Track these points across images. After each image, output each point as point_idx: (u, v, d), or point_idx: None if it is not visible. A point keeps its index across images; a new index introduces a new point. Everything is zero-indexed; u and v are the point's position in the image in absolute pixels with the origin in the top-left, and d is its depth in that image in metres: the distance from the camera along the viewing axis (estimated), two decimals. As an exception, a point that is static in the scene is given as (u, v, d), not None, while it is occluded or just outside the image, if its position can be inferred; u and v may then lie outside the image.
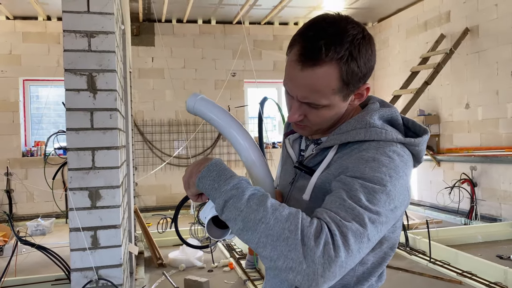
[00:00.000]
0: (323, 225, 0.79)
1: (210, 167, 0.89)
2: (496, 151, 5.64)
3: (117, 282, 2.01)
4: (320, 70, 0.88)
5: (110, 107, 1.99)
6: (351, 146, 0.95)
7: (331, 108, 0.95)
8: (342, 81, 0.90)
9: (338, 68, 0.88)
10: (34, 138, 7.07)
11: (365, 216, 0.81)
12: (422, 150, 0.98)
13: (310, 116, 0.96)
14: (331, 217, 0.80)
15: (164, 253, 4.57)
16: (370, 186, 0.84)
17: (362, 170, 0.87)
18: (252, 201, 0.81)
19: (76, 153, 1.95)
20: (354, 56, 0.89)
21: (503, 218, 5.55)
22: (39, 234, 5.94)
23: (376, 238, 0.84)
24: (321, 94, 0.91)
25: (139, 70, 7.42)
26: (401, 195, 0.89)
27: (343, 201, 0.83)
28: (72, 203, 1.94)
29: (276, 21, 7.96)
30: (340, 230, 0.78)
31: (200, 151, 7.68)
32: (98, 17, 1.97)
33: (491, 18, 5.74)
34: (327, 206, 0.84)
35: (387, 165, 0.88)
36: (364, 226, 0.80)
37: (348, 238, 0.78)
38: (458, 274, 3.85)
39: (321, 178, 0.96)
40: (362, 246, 0.80)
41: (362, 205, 0.82)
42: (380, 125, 0.95)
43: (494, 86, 5.72)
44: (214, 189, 0.86)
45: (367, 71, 0.93)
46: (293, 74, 0.92)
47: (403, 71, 7.35)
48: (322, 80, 0.89)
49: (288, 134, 1.16)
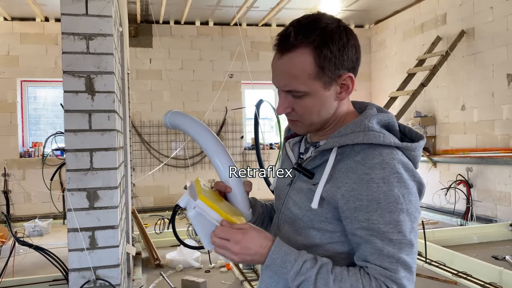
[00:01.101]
0: (382, 286, 0.90)
1: (273, 256, 0.95)
2: (491, 153, 5.68)
3: (115, 282, 2.02)
4: (294, 54, 0.94)
5: (108, 109, 2.01)
6: (351, 152, 0.97)
7: (313, 97, 0.98)
8: (317, 65, 0.94)
9: (311, 52, 0.94)
10: (32, 139, 7.08)
11: (404, 255, 0.91)
12: (418, 155, 1.02)
13: (296, 107, 1.00)
14: (383, 275, 0.90)
15: (161, 254, 4.59)
16: (392, 218, 0.91)
17: (377, 198, 0.91)
18: (319, 281, 0.92)
19: (75, 154, 1.97)
20: (325, 41, 0.94)
21: (498, 219, 5.58)
22: (37, 235, 5.94)
23: (415, 257, 0.94)
24: (299, 80, 0.96)
25: (137, 71, 7.44)
26: (415, 202, 0.95)
27: (381, 251, 0.91)
28: (70, 203, 1.96)
29: (273, 22, 7.99)
30: (396, 283, 0.90)
31: (198, 152, 7.69)
32: (97, 20, 1.99)
33: (487, 21, 5.78)
34: (371, 260, 0.92)
35: (397, 183, 0.92)
36: (408, 265, 0.91)
37: (403, 284, 0.90)
38: (454, 274, 3.87)
39: (328, 191, 0.97)
40: (413, 277, 0.93)
41: (396, 245, 0.91)
42: (378, 129, 0.98)
43: (490, 88, 5.77)
44: (283, 274, 0.94)
45: (344, 58, 0.96)
46: (274, 65, 1.00)
47: (400, 73, 7.39)
48: (298, 65, 0.95)
49: (289, 138, 1.18)
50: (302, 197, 1.03)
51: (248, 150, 7.94)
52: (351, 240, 0.96)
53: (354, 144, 0.96)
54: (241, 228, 0.95)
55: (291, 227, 1.06)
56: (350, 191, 0.93)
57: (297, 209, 1.04)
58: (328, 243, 1.00)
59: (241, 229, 0.95)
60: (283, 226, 1.09)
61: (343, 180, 0.95)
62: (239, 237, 0.93)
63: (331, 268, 0.92)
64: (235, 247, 0.93)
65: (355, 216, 0.93)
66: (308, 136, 1.14)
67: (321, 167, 1.01)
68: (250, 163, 7.91)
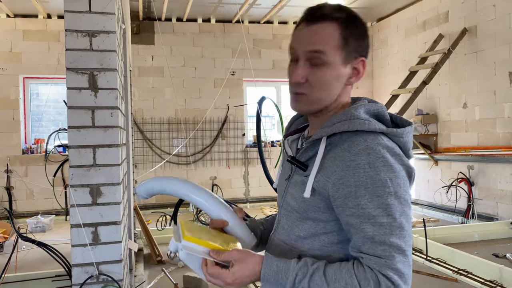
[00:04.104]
0: (378, 275, 0.90)
1: (265, 278, 0.97)
2: (493, 151, 5.68)
3: (117, 277, 2.04)
4: (323, 25, 1.01)
5: (111, 106, 2.02)
6: (339, 141, 0.99)
7: (332, 69, 1.01)
8: (343, 38, 1.01)
9: (339, 26, 1.01)
10: (34, 135, 7.10)
11: (395, 239, 0.91)
12: (407, 141, 1.02)
13: (312, 78, 1.02)
14: (378, 263, 0.91)
15: (163, 250, 4.61)
16: (381, 202, 0.92)
17: (364, 183, 0.92)
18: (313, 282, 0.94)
19: (78, 150, 1.99)
20: (351, 21, 1.03)
21: (499, 217, 5.59)
22: (39, 231, 5.97)
23: (409, 240, 0.94)
24: (325, 44, 1.00)
25: (139, 68, 7.45)
26: (404, 185, 0.95)
27: (372, 239, 0.92)
28: (73, 199, 1.98)
29: (275, 20, 7.99)
30: (391, 269, 0.90)
31: (200, 149, 7.71)
32: (100, 17, 2.00)
33: (489, 19, 5.77)
34: (364, 250, 0.93)
35: (383, 167, 0.93)
36: (401, 248, 0.91)
37: (398, 269, 0.90)
38: (454, 272, 3.89)
39: (319, 181, 0.99)
40: (408, 260, 0.92)
41: (387, 228, 0.91)
42: (364, 117, 0.99)
43: (492, 86, 5.76)
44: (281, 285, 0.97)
45: (363, 42, 1.05)
46: (300, 34, 1.04)
47: (402, 71, 7.39)
48: (327, 33, 1.01)
49: (287, 135, 1.20)
50: (297, 189, 1.05)
51: (249, 147, 7.95)
52: (345, 229, 0.98)
53: (342, 133, 0.99)
54: (228, 257, 0.98)
55: (289, 220, 1.08)
56: (339, 179, 0.95)
57: (293, 201, 1.06)
58: (323, 233, 1.01)
59: (226, 261, 0.98)
60: (282, 220, 1.12)
61: (331, 169, 0.97)
62: (229, 277, 0.96)
63: (323, 272, 0.93)
64: (228, 281, 0.97)
65: (345, 204, 0.94)
66: (305, 132, 1.16)
67: (313, 158, 1.03)
68: (252, 160, 7.92)
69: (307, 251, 1.03)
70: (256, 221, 1.28)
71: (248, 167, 7.91)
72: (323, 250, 1.01)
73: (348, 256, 1.00)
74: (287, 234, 1.08)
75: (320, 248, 1.02)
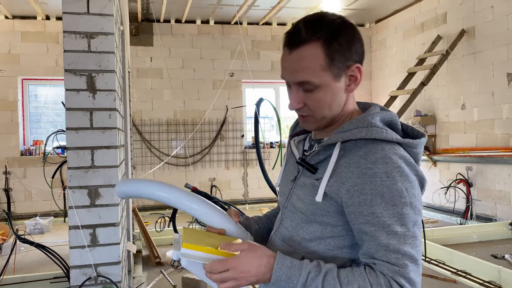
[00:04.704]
0: (391, 281, 0.90)
1: (277, 274, 0.94)
2: (491, 152, 5.69)
3: (116, 279, 2.04)
4: (305, 48, 0.98)
5: (109, 107, 2.02)
6: (353, 147, 0.99)
7: (325, 89, 1.00)
8: (327, 57, 0.97)
9: (321, 45, 0.97)
10: (33, 137, 7.09)
11: (409, 248, 0.92)
12: (419, 152, 1.03)
13: (309, 102, 1.01)
14: (392, 270, 0.91)
15: (162, 252, 4.60)
16: (396, 211, 0.92)
17: (381, 192, 0.92)
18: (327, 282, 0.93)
19: (76, 152, 1.98)
20: (334, 35, 0.98)
21: (498, 218, 5.60)
22: (38, 233, 5.96)
23: (420, 249, 0.95)
24: (311, 71, 0.98)
25: (137, 70, 7.45)
26: (418, 195, 0.96)
27: (386, 247, 0.92)
28: (72, 201, 1.97)
29: (274, 21, 8.00)
30: (404, 277, 0.90)
31: (198, 150, 7.71)
32: (98, 19, 2.00)
33: (487, 20, 5.79)
34: (378, 257, 0.93)
35: (400, 177, 0.93)
36: (414, 258, 0.92)
37: (410, 278, 0.91)
38: (453, 273, 3.89)
39: (331, 186, 0.98)
40: (419, 269, 0.93)
41: (401, 238, 0.92)
42: (380, 126, 1.00)
43: (490, 87, 5.77)
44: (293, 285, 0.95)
45: (352, 50, 1.00)
46: (285, 61, 1.03)
47: (400, 72, 7.40)
48: (309, 57, 0.98)
49: (293, 136, 1.20)
50: (305, 192, 1.05)
51: (248, 148, 7.95)
52: (356, 236, 0.97)
53: (357, 140, 0.98)
54: (239, 248, 0.96)
55: (294, 222, 1.08)
56: (354, 185, 0.95)
57: (300, 203, 1.06)
58: (329, 236, 1.01)
59: (236, 251, 0.96)
60: (286, 221, 1.11)
61: (346, 175, 0.96)
62: (234, 263, 0.94)
63: (336, 274, 0.92)
64: (235, 273, 0.93)
65: (359, 211, 0.94)
66: (312, 133, 1.16)
67: (325, 162, 1.02)
68: (251, 161, 7.92)
69: (311, 254, 1.02)
70: (250, 219, 1.26)
71: (247, 169, 7.91)
72: (328, 254, 1.01)
73: (351, 260, 1.00)
74: (291, 236, 1.08)
75: (325, 251, 1.01)
